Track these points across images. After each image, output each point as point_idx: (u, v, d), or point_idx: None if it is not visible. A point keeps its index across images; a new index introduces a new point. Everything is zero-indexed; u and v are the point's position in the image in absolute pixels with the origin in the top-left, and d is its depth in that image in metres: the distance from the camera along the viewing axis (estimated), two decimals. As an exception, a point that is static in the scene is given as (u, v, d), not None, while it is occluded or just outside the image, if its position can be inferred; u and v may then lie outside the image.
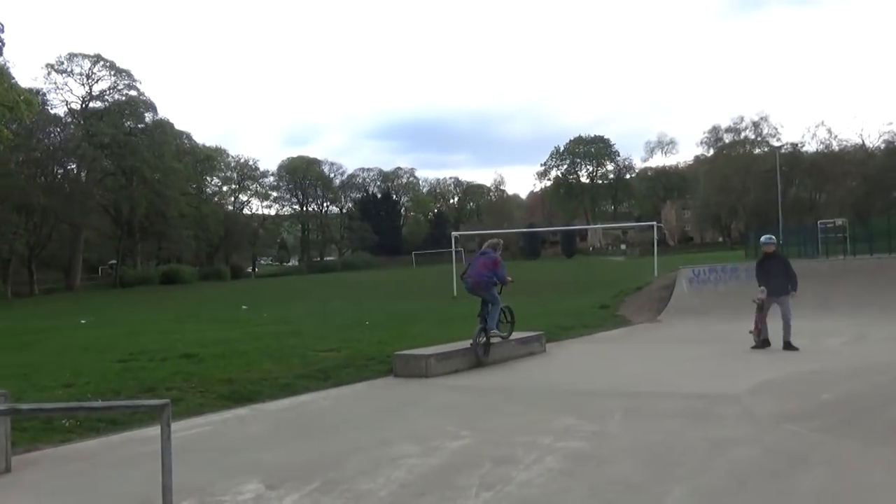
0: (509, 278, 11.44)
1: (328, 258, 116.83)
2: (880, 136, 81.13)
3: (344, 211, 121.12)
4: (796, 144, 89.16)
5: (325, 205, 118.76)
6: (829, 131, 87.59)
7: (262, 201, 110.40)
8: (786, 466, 5.05)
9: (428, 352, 10.12)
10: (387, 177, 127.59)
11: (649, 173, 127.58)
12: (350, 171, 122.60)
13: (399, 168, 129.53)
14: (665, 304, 17.79)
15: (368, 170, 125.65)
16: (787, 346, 11.34)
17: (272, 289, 46.46)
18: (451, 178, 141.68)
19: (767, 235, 13.03)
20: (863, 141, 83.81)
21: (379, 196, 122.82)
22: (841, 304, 16.03)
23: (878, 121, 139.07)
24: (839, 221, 50.74)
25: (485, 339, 10.67)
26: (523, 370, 10.27)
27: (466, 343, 10.95)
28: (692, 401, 7.35)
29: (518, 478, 5.03)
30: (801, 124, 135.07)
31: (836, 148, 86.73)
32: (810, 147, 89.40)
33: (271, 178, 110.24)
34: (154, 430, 5.43)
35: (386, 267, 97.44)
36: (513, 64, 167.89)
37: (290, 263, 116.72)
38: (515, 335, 11.66)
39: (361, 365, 10.10)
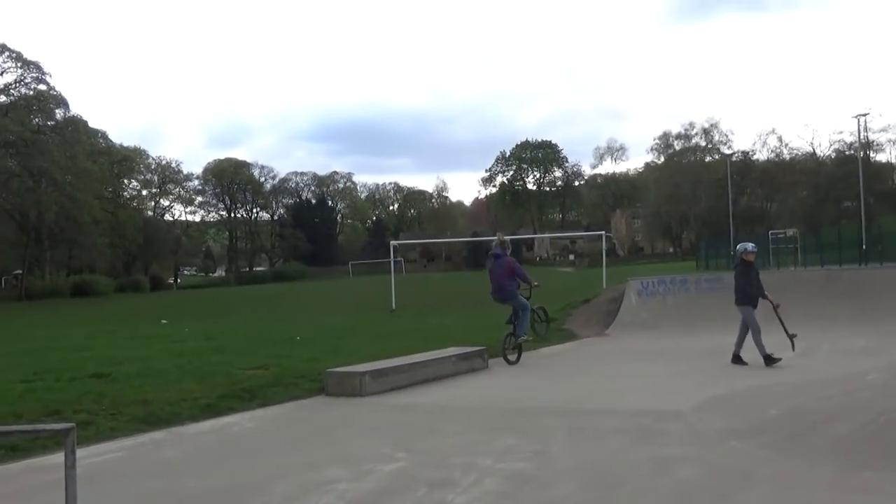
0: (535, 282, 13.04)
1: (258, 268, 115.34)
2: (830, 144, 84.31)
3: (275, 218, 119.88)
4: (747, 152, 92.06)
5: (254, 211, 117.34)
6: (780, 139, 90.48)
7: (185, 207, 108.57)
8: (730, 485, 5.21)
9: (363, 368, 10.10)
10: (322, 181, 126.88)
11: (599, 180, 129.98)
12: (282, 174, 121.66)
13: (335, 172, 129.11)
14: (613, 318, 18.09)
15: (302, 174, 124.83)
16: (737, 359, 11.67)
17: (195, 301, 45.67)
18: (390, 183, 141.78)
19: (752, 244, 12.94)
20: (813, 149, 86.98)
21: (313, 202, 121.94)
22: (791, 317, 16.48)
23: (829, 129, 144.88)
24: (790, 232, 52.66)
25: (514, 344, 12.35)
26: (464, 387, 10.32)
27: (405, 359, 10.99)
28: (638, 418, 7.51)
29: (455, 501, 5.06)
30: (752, 132, 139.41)
31: (787, 156, 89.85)
32: (761, 155, 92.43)
33: (196, 182, 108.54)
34: (59, 458, 5.27)
35: (320, 278, 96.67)
36: (456, 62, 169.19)
37: (216, 274, 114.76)
38: (455, 350, 11.78)
39: (291, 383, 10.01)
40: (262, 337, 17.43)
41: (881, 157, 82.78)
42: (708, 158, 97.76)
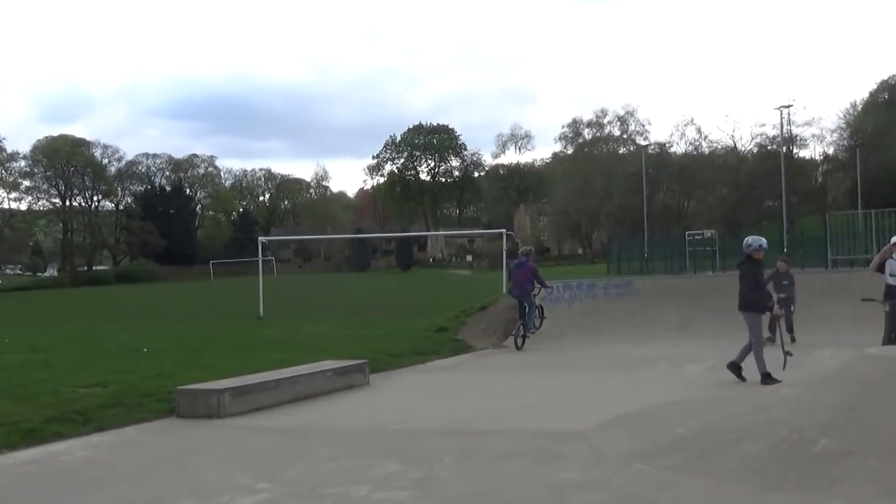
0: (549, 286, 17.69)
1: (99, 267, 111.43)
2: (752, 138, 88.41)
3: (121, 208, 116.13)
4: (664, 144, 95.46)
5: (95, 199, 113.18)
6: (699, 131, 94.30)
7: (8, 192, 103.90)
8: (633, 511, 5.42)
9: (222, 385, 9.96)
10: (179, 165, 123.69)
11: (501, 172, 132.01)
12: (130, 156, 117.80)
13: (195, 155, 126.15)
14: (513, 327, 18.43)
15: (155, 156, 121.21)
16: (735, 369, 11.23)
17: (20, 305, 43.97)
18: (261, 169, 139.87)
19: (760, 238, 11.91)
20: (734, 143, 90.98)
21: (168, 189, 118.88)
22: (706, 326, 17.34)
23: (751, 121, 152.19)
24: (708, 233, 54.99)
25: (523, 335, 16.50)
26: (341, 406, 10.34)
27: (272, 374, 10.94)
28: (536, 439, 7.70)
29: (324, 537, 5.06)
30: (670, 122, 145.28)
31: (706, 150, 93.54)
32: (679, 148, 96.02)
33: (23, 163, 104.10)
34: None
35: (175, 279, 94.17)
36: (339, 33, 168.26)
37: (46, 274, 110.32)
38: (332, 364, 11.87)
39: (134, 404, 9.78)
40: (101, 349, 16.96)
41: (805, 154, 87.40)
42: (622, 150, 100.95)
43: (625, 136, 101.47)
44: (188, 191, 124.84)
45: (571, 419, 8.68)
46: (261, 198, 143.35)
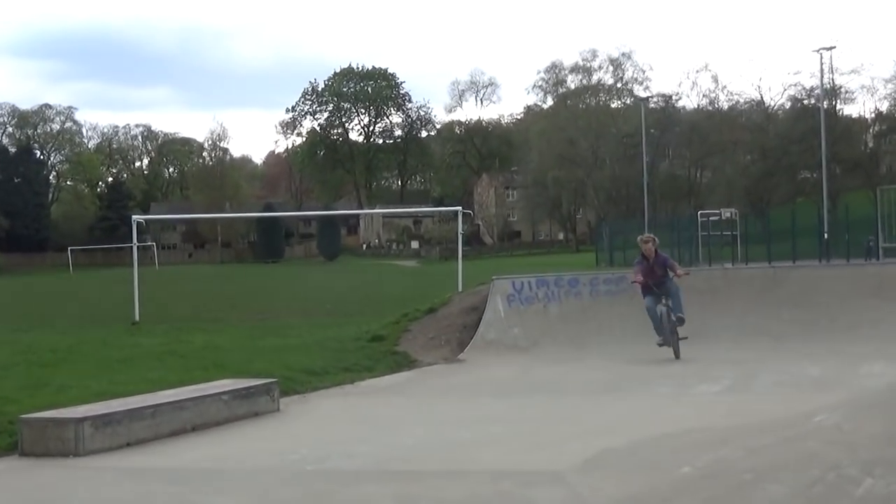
0: (681, 271, 17.16)
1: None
2: (784, 89, 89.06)
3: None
4: (670, 97, 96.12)
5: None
6: (716, 80, 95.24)
7: None
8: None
9: (81, 413, 9.83)
10: (25, 119, 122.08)
11: (457, 131, 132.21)
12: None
13: (47, 106, 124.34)
14: (471, 335, 18.47)
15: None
16: None
17: None
18: (138, 125, 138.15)
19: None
20: (761, 96, 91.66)
21: (11, 151, 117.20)
22: (722, 335, 17.51)
23: (782, 68, 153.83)
24: (727, 213, 55.53)
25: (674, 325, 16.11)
26: (242, 440, 10.27)
27: (149, 398, 10.85)
28: (497, 482, 7.73)
29: None
30: (678, 68, 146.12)
31: (725, 105, 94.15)
32: (689, 101, 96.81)
33: None
34: None
35: (21, 271, 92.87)
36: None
37: None
38: (231, 384, 11.74)
39: (-38, 438, 9.65)
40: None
41: (851, 111, 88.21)
42: (616, 103, 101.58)
43: (619, 85, 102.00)
44: (38, 153, 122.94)
45: (544, 455, 8.71)
46: (137, 163, 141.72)
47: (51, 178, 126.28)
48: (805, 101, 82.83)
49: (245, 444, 10.12)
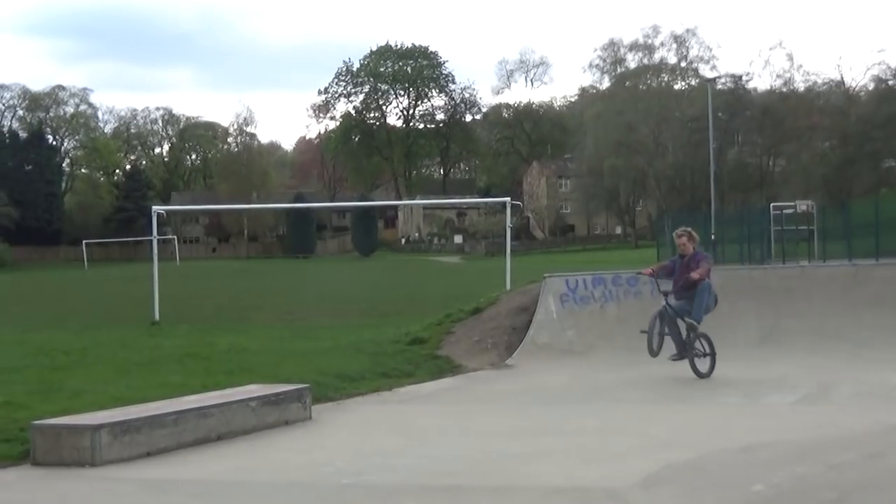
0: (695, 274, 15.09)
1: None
2: (867, 69, 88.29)
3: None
4: (740, 77, 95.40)
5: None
6: (791, 59, 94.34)
7: None
8: None
9: (98, 420, 9.87)
10: (37, 102, 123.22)
11: (505, 115, 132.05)
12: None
13: (60, 88, 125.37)
14: (520, 338, 18.41)
15: (3, 87, 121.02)
16: None
17: None
18: (158, 108, 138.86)
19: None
20: (842, 77, 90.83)
21: (22, 137, 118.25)
22: (797, 339, 17.35)
23: (865, 46, 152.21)
24: (803, 205, 55.03)
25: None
26: (271, 451, 10.26)
27: (171, 404, 10.87)
28: (550, 499, 7.69)
29: None
30: (749, 46, 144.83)
31: (801, 86, 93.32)
32: (761, 83, 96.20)
33: None
34: None
35: (32, 266, 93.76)
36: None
37: None
38: (259, 390, 11.75)
39: (-30, 445, 9.72)
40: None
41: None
42: (679, 85, 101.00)
43: (683, 64, 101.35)
44: (51, 139, 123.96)
45: (601, 471, 8.65)
46: (157, 149, 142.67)
47: (64, 165, 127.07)
48: (890, 82, 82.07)
49: (275, 455, 10.11)
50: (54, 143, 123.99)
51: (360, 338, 20.26)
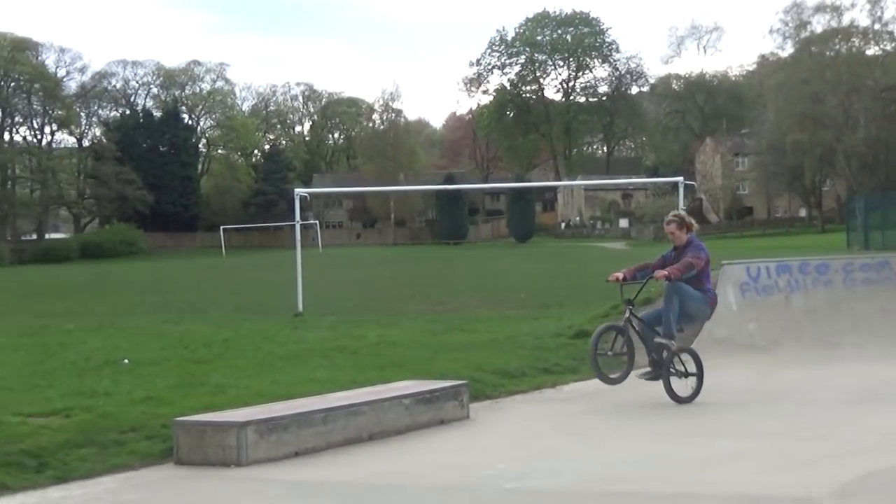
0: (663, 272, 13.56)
1: (54, 235, 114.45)
2: None
3: (86, 143, 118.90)
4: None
5: (47, 131, 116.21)
6: None
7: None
8: None
9: (244, 417, 10.09)
10: (172, 79, 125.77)
11: (675, 87, 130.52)
12: (98, 66, 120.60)
13: (196, 63, 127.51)
14: (695, 331, 18.26)
15: (136, 65, 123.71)
16: None
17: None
18: (298, 84, 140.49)
19: None
20: None
21: (156, 116, 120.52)
22: None
23: None
24: None
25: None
26: (427, 452, 10.37)
27: (319, 401, 11.07)
28: (734, 509, 7.63)
29: None
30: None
31: None
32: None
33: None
34: None
35: (169, 253, 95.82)
36: None
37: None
38: (413, 387, 11.83)
39: (111, 442, 10.01)
40: (60, 358, 17.31)
41: None
42: (873, 50, 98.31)
43: (877, 26, 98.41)
44: (187, 118, 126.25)
45: (791, 478, 8.54)
46: (297, 128, 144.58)
47: (200, 146, 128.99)
48: None
49: (430, 456, 10.21)
50: (189, 122, 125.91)
51: (518, 331, 20.25)
